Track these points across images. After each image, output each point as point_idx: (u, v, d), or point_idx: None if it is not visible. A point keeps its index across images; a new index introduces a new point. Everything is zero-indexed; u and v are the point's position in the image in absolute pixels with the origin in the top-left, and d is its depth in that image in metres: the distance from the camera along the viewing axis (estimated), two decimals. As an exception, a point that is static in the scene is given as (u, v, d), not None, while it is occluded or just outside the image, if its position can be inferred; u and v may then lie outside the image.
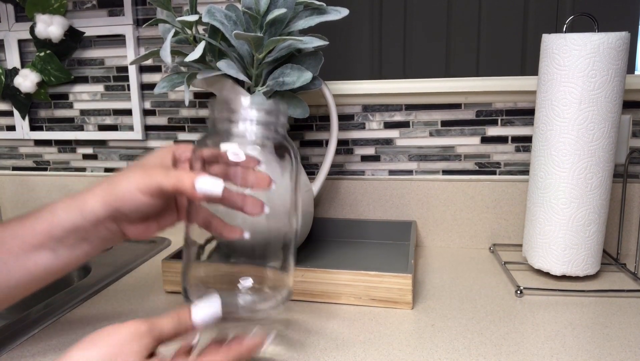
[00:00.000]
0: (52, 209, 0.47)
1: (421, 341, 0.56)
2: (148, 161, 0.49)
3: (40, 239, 0.46)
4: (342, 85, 0.85)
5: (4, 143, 1.03)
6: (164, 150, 0.51)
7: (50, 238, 0.46)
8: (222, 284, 0.50)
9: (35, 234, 0.46)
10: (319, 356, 0.53)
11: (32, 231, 0.46)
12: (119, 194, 0.45)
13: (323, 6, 0.68)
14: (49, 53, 0.93)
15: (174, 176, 0.44)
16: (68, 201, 0.47)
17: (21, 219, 0.47)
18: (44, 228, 0.46)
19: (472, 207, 0.86)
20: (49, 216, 0.46)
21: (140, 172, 0.45)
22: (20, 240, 0.46)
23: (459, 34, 0.86)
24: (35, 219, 0.47)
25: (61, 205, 0.47)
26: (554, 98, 0.68)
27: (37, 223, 0.46)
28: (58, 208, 0.47)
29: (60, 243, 0.47)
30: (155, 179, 0.45)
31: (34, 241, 0.46)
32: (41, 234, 0.46)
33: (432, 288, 0.71)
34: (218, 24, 0.65)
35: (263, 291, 0.50)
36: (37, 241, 0.46)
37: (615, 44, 0.64)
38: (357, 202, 0.90)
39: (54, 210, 0.47)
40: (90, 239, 0.48)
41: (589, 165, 0.68)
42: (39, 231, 0.46)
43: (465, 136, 0.86)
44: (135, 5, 0.91)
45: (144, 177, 0.45)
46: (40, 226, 0.46)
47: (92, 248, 0.49)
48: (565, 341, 0.56)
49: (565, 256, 0.70)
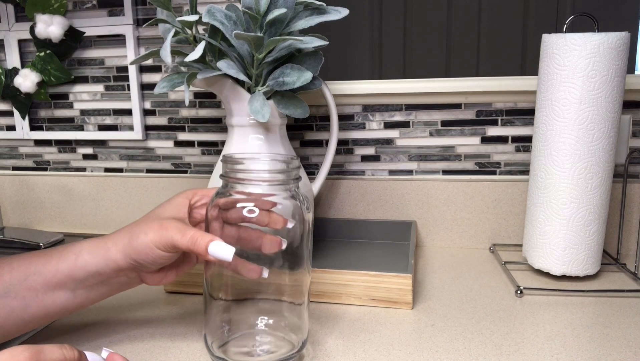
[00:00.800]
0: (78, 251, 0.48)
1: (421, 341, 0.56)
2: (165, 211, 0.50)
3: (62, 279, 0.47)
4: (342, 85, 0.85)
5: (4, 143, 1.03)
6: (181, 198, 0.52)
7: (72, 280, 0.48)
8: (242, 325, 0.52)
9: (58, 273, 0.47)
10: (319, 356, 0.53)
11: (55, 270, 0.47)
12: (137, 248, 0.47)
13: (323, 6, 0.68)
14: (49, 53, 0.93)
15: (189, 237, 0.46)
16: (93, 245, 0.48)
17: (46, 256, 0.48)
18: (67, 269, 0.47)
19: (472, 207, 0.86)
20: (73, 257, 0.48)
21: (157, 227, 0.47)
22: (43, 278, 0.47)
23: (459, 34, 0.86)
24: (59, 258, 0.48)
25: (87, 248, 0.48)
26: (554, 98, 0.68)
27: (60, 263, 0.47)
28: (83, 250, 0.48)
29: (81, 284, 0.48)
30: (171, 236, 0.46)
31: (55, 280, 0.47)
32: (63, 274, 0.47)
33: (432, 288, 0.71)
34: (218, 24, 0.65)
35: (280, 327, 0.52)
36: (58, 281, 0.47)
37: (615, 44, 0.64)
38: (357, 202, 0.90)
39: (80, 252, 0.48)
40: (110, 283, 0.50)
41: (589, 165, 0.68)
42: (62, 271, 0.47)
43: (465, 136, 0.86)
44: (135, 5, 0.91)
45: (161, 233, 0.46)
46: (64, 266, 0.47)
47: (109, 291, 0.51)
48: (565, 341, 0.56)
49: (565, 256, 0.70)
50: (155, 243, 0.46)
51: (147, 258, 0.47)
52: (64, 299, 0.48)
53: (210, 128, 0.93)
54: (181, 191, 0.54)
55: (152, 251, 0.47)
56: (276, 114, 0.71)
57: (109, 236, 0.49)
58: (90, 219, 1.00)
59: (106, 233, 1.00)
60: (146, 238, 0.47)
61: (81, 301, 0.49)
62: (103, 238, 0.50)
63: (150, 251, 0.47)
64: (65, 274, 0.47)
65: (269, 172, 0.48)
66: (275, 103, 0.70)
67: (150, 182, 0.96)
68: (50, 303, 0.48)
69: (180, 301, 0.67)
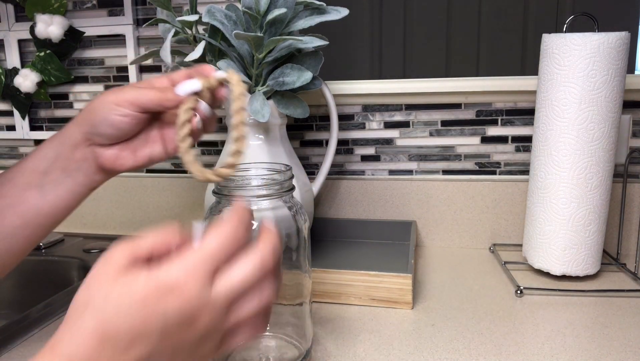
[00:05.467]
0: (39, 146, 0.48)
1: (421, 341, 0.56)
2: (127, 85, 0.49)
3: (28, 176, 0.47)
4: (342, 85, 0.85)
5: (4, 143, 1.03)
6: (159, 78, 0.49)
7: (38, 174, 0.47)
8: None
9: (24, 172, 0.47)
10: (318, 356, 0.53)
11: (21, 170, 0.47)
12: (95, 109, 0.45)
13: (323, 6, 0.68)
14: (49, 53, 0.93)
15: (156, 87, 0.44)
16: (54, 134, 0.48)
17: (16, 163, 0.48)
18: (31, 165, 0.47)
19: (472, 207, 0.86)
20: (35, 153, 0.48)
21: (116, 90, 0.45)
22: (11, 183, 0.47)
23: (459, 34, 0.86)
24: (24, 160, 0.48)
25: (47, 139, 0.48)
26: (554, 98, 0.68)
27: (25, 162, 0.47)
28: (45, 142, 0.48)
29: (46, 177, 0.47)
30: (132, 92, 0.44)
31: (23, 179, 0.47)
32: (28, 170, 0.47)
33: (432, 288, 0.71)
34: (218, 23, 0.65)
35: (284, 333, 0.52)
36: (25, 180, 0.47)
37: (615, 44, 0.64)
38: (357, 202, 0.90)
39: (40, 147, 0.48)
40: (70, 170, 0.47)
41: (589, 165, 0.68)
42: (27, 168, 0.47)
43: (465, 136, 0.86)
44: (135, 5, 0.91)
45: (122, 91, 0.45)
46: (28, 164, 0.47)
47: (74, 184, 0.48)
48: (565, 341, 0.56)
49: (565, 256, 0.70)
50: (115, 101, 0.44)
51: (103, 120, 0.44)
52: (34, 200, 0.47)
53: (210, 128, 0.93)
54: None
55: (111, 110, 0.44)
56: (276, 114, 0.71)
57: None
58: (90, 219, 1.00)
59: (106, 233, 1.00)
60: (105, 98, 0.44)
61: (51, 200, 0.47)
62: None
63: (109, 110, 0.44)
64: (30, 170, 0.47)
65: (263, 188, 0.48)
66: (275, 103, 0.70)
67: (150, 182, 0.96)
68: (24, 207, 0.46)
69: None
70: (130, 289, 0.30)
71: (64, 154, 0.47)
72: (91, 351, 0.29)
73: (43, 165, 0.47)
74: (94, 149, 0.47)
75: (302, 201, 0.72)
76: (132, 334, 0.30)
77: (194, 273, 0.30)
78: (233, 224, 0.33)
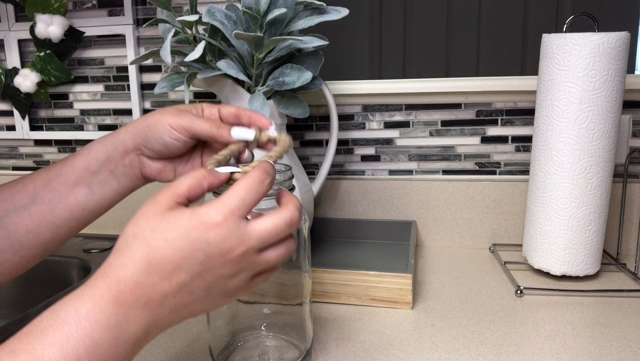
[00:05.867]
0: (90, 146, 0.50)
1: (421, 341, 0.56)
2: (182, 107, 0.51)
3: (79, 174, 0.49)
4: (342, 85, 0.85)
5: (4, 143, 1.03)
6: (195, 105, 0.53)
7: (88, 173, 0.49)
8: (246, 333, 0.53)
9: (75, 170, 0.49)
10: (319, 356, 0.53)
11: (72, 168, 0.49)
12: (150, 125, 0.48)
13: (323, 6, 0.68)
14: (49, 53, 0.93)
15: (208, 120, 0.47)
16: (103, 137, 0.50)
17: (62, 160, 0.51)
18: (83, 163, 0.49)
19: (472, 207, 0.86)
20: (86, 152, 0.50)
21: (175, 111, 0.48)
22: (63, 178, 0.49)
23: (459, 34, 0.86)
24: (74, 157, 0.50)
25: (98, 141, 0.50)
26: (554, 98, 0.68)
27: (75, 160, 0.50)
28: (95, 143, 0.50)
29: (95, 177, 0.50)
30: (189, 118, 0.47)
31: (74, 177, 0.49)
32: (80, 168, 0.49)
33: (432, 288, 0.71)
34: (218, 23, 0.65)
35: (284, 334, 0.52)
36: (76, 177, 0.49)
37: (615, 44, 0.64)
38: (357, 202, 0.90)
39: (91, 146, 0.50)
40: (117, 173, 0.51)
41: (589, 165, 0.68)
42: (78, 166, 0.49)
43: (465, 136, 0.86)
44: (135, 5, 0.91)
45: (179, 115, 0.47)
46: (79, 162, 0.50)
47: (118, 186, 0.51)
48: (565, 341, 0.56)
49: (565, 256, 0.70)
50: (171, 123, 0.47)
51: (157, 138, 0.48)
52: (83, 196, 0.50)
53: (210, 128, 0.93)
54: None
55: (166, 132, 0.47)
56: (276, 114, 0.71)
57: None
58: (90, 219, 1.00)
59: (106, 233, 1.00)
60: (162, 118, 0.47)
61: (98, 197, 0.50)
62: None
63: (164, 131, 0.47)
64: (81, 168, 0.49)
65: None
66: (275, 103, 0.70)
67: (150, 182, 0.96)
68: (73, 201, 0.49)
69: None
70: (177, 223, 0.35)
71: (114, 158, 0.50)
72: (139, 275, 0.34)
73: (94, 165, 0.50)
74: (141, 158, 0.50)
75: (302, 201, 0.72)
76: (176, 261, 0.35)
77: (231, 213, 0.35)
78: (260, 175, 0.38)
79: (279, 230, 0.37)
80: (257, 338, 0.52)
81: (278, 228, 0.37)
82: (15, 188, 0.50)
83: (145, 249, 0.35)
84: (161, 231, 0.35)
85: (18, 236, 0.48)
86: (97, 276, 0.35)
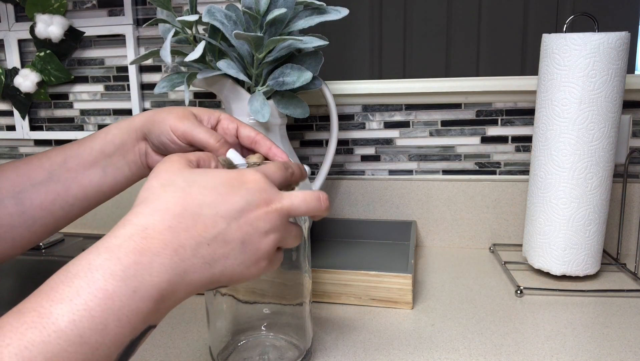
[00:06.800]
0: (108, 129, 0.51)
1: (421, 341, 0.56)
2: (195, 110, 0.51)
3: (96, 156, 0.50)
4: (342, 85, 0.85)
5: (4, 143, 1.03)
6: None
7: (103, 156, 0.50)
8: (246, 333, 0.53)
9: (92, 152, 0.50)
10: (319, 356, 0.53)
11: (90, 149, 0.50)
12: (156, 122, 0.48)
13: (323, 6, 0.68)
14: (49, 53, 0.93)
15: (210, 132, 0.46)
16: (122, 121, 0.51)
17: (80, 141, 0.51)
18: (99, 145, 0.50)
19: (472, 207, 0.86)
20: (103, 135, 0.51)
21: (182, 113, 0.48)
22: (79, 158, 0.50)
23: (459, 34, 0.86)
24: (92, 139, 0.51)
25: (115, 125, 0.51)
26: (554, 98, 0.68)
27: (93, 142, 0.50)
28: (113, 127, 0.51)
29: (109, 160, 0.50)
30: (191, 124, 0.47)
31: (91, 158, 0.50)
32: (96, 151, 0.50)
33: (432, 288, 0.71)
34: (218, 23, 0.65)
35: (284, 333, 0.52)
36: (92, 159, 0.50)
37: (615, 44, 0.64)
38: (357, 202, 0.90)
39: (109, 129, 0.51)
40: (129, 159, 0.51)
41: (589, 165, 0.68)
42: (95, 148, 0.50)
43: (465, 136, 0.86)
44: (135, 5, 0.91)
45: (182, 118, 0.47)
46: (96, 144, 0.50)
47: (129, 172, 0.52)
48: (565, 341, 0.56)
49: (565, 256, 0.70)
50: (172, 126, 0.47)
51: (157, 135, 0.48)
52: (97, 178, 0.50)
53: (210, 128, 0.93)
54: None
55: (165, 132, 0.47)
56: (276, 114, 0.71)
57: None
58: (90, 219, 1.00)
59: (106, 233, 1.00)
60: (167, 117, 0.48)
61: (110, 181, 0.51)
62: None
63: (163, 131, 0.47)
64: (97, 150, 0.50)
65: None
66: (275, 103, 0.70)
67: (150, 182, 0.96)
68: (87, 182, 0.50)
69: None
70: (215, 174, 0.35)
71: (128, 144, 0.50)
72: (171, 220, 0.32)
73: (109, 149, 0.50)
74: (148, 149, 0.51)
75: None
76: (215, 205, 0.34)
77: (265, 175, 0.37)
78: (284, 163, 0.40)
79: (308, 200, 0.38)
80: (257, 338, 0.52)
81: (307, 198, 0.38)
82: (32, 165, 0.50)
83: (181, 195, 0.33)
84: (198, 180, 0.34)
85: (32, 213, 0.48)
86: (118, 226, 0.33)
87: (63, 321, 0.28)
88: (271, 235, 0.36)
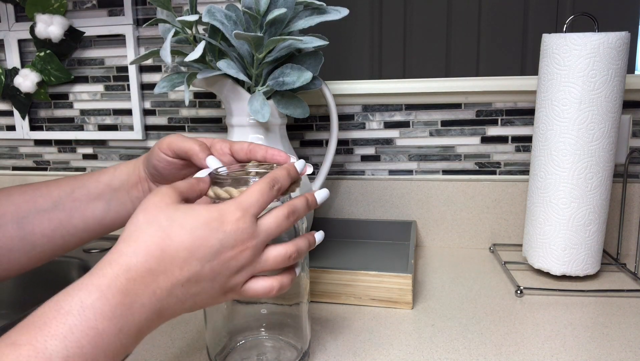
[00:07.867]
0: (117, 165, 0.53)
1: (421, 341, 0.56)
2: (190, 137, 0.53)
3: (102, 189, 0.51)
4: (342, 85, 0.85)
5: (4, 143, 1.03)
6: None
7: (109, 189, 0.51)
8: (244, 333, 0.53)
9: (99, 185, 0.51)
10: (319, 356, 0.53)
11: (97, 182, 0.51)
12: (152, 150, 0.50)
13: (323, 6, 0.68)
14: (49, 53, 0.93)
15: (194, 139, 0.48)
16: (133, 160, 0.53)
17: (89, 173, 0.53)
18: (107, 179, 0.51)
19: (472, 207, 0.86)
20: (112, 170, 0.52)
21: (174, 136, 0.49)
22: (86, 190, 0.51)
23: (459, 34, 0.86)
24: (100, 173, 0.52)
25: (125, 162, 0.53)
26: (554, 98, 0.68)
27: (101, 175, 0.52)
28: (122, 163, 0.53)
29: (115, 194, 0.52)
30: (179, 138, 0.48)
31: (97, 190, 0.51)
32: (103, 184, 0.51)
33: (432, 288, 0.71)
34: (218, 23, 0.65)
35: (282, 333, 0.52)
36: (98, 191, 0.51)
37: (615, 44, 0.64)
38: (357, 202, 0.90)
39: (118, 165, 0.53)
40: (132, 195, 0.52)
41: (589, 165, 0.68)
42: (102, 181, 0.51)
43: (465, 136, 0.86)
44: (135, 5, 0.91)
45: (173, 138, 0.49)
46: (104, 178, 0.52)
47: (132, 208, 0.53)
48: (565, 341, 0.56)
49: (565, 256, 0.70)
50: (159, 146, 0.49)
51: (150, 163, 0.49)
52: (100, 211, 0.51)
53: (210, 128, 0.93)
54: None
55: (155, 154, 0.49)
56: (276, 114, 0.71)
57: None
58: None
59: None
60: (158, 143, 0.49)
61: (113, 215, 0.52)
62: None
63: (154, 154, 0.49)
64: (104, 183, 0.51)
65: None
66: (275, 103, 0.70)
67: (150, 182, 0.96)
68: (90, 213, 0.51)
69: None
70: (195, 214, 0.37)
71: (132, 180, 0.52)
72: (151, 262, 0.34)
73: (116, 183, 0.52)
74: (151, 185, 0.52)
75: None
76: (191, 249, 0.36)
77: (248, 211, 0.38)
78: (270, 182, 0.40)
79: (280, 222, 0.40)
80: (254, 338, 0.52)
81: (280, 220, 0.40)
82: (40, 191, 0.51)
83: (162, 235, 0.35)
84: (179, 220, 0.36)
85: (33, 239, 0.49)
86: (104, 263, 0.34)
87: (57, 358, 0.30)
88: (242, 272, 0.39)
